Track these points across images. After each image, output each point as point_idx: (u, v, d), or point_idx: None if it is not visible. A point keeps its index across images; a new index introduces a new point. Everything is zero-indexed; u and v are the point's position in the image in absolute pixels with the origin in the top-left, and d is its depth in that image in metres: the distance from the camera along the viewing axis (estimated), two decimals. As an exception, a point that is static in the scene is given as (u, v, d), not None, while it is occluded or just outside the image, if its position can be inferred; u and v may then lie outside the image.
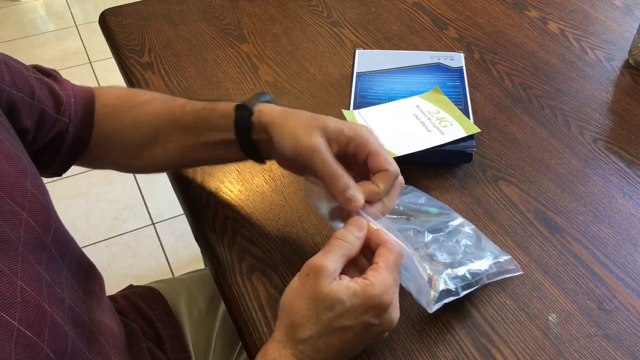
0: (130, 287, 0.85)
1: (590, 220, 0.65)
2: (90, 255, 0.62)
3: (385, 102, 0.77)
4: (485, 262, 0.56)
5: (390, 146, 0.69)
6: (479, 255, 0.57)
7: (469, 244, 0.58)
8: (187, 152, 0.63)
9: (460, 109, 0.75)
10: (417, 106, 0.76)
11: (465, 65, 0.84)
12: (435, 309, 0.51)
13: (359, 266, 0.50)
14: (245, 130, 0.58)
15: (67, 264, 0.53)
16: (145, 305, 0.78)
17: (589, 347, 0.54)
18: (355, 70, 0.83)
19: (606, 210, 0.66)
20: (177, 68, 0.90)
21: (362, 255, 0.50)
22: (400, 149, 0.69)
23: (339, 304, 0.45)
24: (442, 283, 0.52)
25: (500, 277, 0.57)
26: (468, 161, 0.72)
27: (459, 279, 0.54)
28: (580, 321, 0.56)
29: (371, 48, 0.92)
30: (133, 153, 0.67)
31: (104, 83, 2.36)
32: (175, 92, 0.85)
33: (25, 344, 0.41)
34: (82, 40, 2.64)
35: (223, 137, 0.59)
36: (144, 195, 1.89)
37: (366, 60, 0.85)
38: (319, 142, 0.52)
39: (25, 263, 0.45)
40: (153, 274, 1.66)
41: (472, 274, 0.54)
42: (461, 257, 0.56)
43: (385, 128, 0.72)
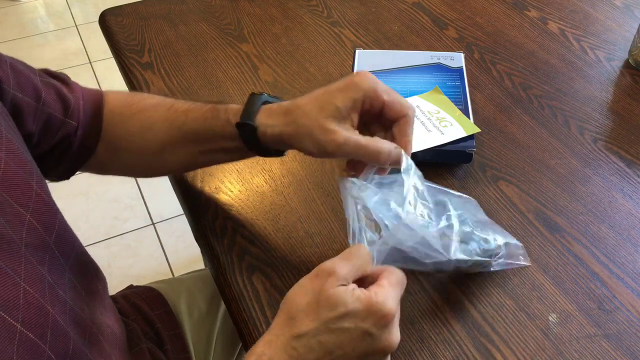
0: (131, 287, 0.85)
1: (590, 220, 0.65)
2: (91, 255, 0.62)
3: (385, 102, 0.77)
4: (500, 238, 0.56)
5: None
6: (493, 230, 0.57)
7: (485, 219, 0.58)
8: (197, 157, 0.63)
9: (460, 109, 0.75)
10: (417, 106, 0.76)
11: (465, 65, 0.84)
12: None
13: (365, 286, 0.49)
14: (255, 142, 0.57)
15: (71, 265, 0.53)
16: (145, 306, 0.78)
17: (589, 347, 0.54)
18: (355, 70, 0.83)
19: (606, 210, 0.66)
20: (177, 68, 0.90)
21: (369, 279, 0.49)
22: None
23: (342, 305, 0.45)
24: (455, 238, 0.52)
25: (509, 262, 0.57)
26: (468, 161, 0.72)
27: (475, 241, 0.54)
28: (580, 321, 0.56)
29: (371, 48, 0.92)
30: (142, 160, 0.67)
31: (104, 83, 2.36)
32: (175, 92, 0.85)
33: (27, 346, 0.41)
34: (82, 40, 2.64)
35: (231, 145, 0.59)
36: (144, 195, 1.89)
37: (366, 60, 0.85)
38: (342, 135, 0.51)
39: (28, 265, 0.45)
40: (153, 274, 1.66)
41: (484, 241, 0.55)
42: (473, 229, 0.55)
43: (385, 128, 0.72)
